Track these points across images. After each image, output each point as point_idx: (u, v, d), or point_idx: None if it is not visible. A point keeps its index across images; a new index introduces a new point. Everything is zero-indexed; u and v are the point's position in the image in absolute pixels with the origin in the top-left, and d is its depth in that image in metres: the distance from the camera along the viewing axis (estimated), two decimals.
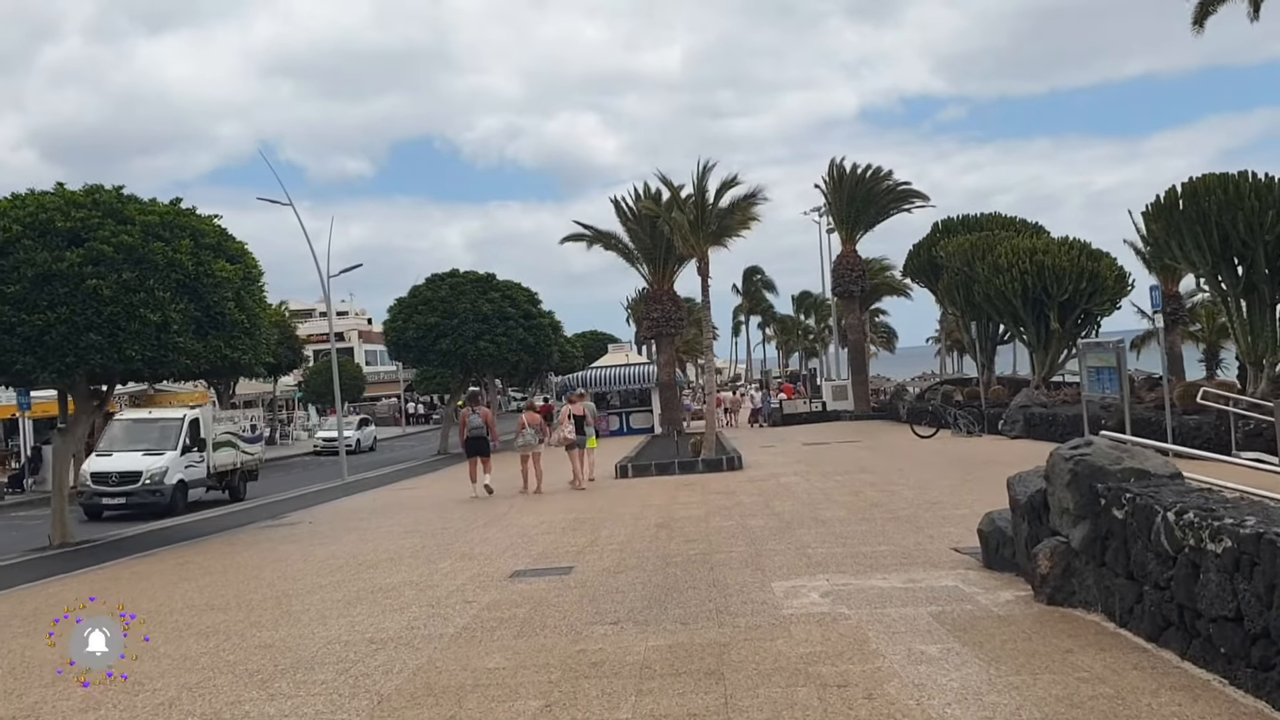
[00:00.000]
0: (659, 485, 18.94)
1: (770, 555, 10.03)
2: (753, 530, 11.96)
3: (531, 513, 15.85)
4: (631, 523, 13.50)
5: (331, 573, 11.29)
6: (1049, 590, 7.08)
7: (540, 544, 12.13)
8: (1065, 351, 33.37)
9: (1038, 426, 25.60)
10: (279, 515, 20.26)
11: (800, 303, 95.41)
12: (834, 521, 12.30)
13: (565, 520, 14.35)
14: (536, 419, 19.66)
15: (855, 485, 16.57)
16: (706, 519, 13.36)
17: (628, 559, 10.40)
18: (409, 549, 12.73)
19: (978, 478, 16.60)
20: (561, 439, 19.53)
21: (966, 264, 34.41)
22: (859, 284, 43.95)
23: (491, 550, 11.85)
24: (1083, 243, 33.21)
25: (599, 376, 45.28)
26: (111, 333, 15.84)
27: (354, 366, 69.23)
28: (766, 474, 19.78)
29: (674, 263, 38.74)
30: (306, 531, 16.55)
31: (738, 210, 22.49)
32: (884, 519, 12.26)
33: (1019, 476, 8.28)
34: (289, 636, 7.94)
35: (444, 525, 15.29)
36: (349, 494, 25.13)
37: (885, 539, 10.68)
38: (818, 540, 10.84)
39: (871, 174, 43.41)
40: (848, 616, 7.13)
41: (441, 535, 13.94)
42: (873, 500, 14.31)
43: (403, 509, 19.28)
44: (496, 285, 43.71)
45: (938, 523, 11.65)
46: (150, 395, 47.12)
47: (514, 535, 13.16)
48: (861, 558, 9.56)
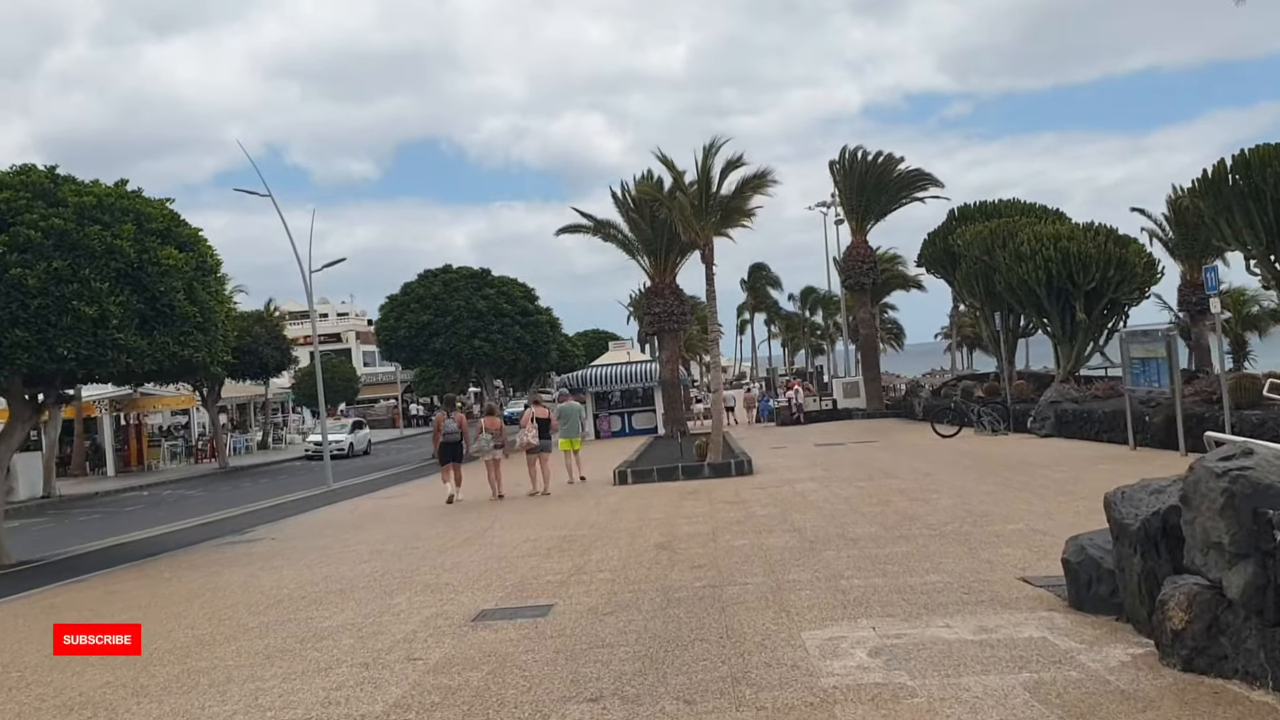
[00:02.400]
0: (661, 493, 17.06)
1: (795, 589, 8.14)
2: (770, 552, 10.08)
3: (516, 528, 13.99)
4: (628, 542, 11.62)
5: (266, 610, 9.42)
6: (1185, 652, 5.20)
7: (519, 570, 10.25)
8: (1091, 344, 31.44)
9: (1070, 424, 23.68)
10: (244, 530, 18.43)
11: (806, 299, 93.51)
12: (866, 540, 10.42)
13: (552, 538, 12.48)
14: (495, 424, 18.70)
15: (882, 493, 14.68)
16: (715, 536, 11.48)
17: (620, 593, 8.52)
18: (367, 576, 10.86)
19: (1020, 483, 14.71)
20: (523, 444, 18.37)
21: (986, 252, 32.46)
22: (870, 275, 42.04)
23: (460, 579, 9.97)
24: (1109, 228, 31.23)
25: (599, 375, 43.42)
26: (40, 329, 13.99)
27: (347, 368, 67.37)
28: (780, 479, 17.91)
29: (676, 255, 36.87)
30: (264, 551, 14.68)
31: (745, 192, 20.58)
32: (925, 536, 10.38)
33: (1122, 493, 6.38)
34: (167, 714, 6.07)
35: (415, 543, 13.42)
36: (330, 503, 23.29)
37: (934, 564, 8.79)
38: (851, 566, 8.95)
39: (883, 160, 41.50)
40: (912, 692, 5.23)
41: (409, 557, 12.06)
42: (906, 511, 12.42)
43: (379, 521, 17.43)
44: (492, 281, 41.83)
45: (990, 541, 9.76)
46: (134, 399, 45.66)
47: (490, 558, 11.28)
48: (910, 592, 7.67)
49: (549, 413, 19.53)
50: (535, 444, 18.31)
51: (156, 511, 25.85)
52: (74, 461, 40.98)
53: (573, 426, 20.42)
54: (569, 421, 20.25)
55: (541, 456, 18.51)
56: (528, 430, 18.32)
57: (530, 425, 18.38)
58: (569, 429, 20.19)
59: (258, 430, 57.86)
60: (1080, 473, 15.72)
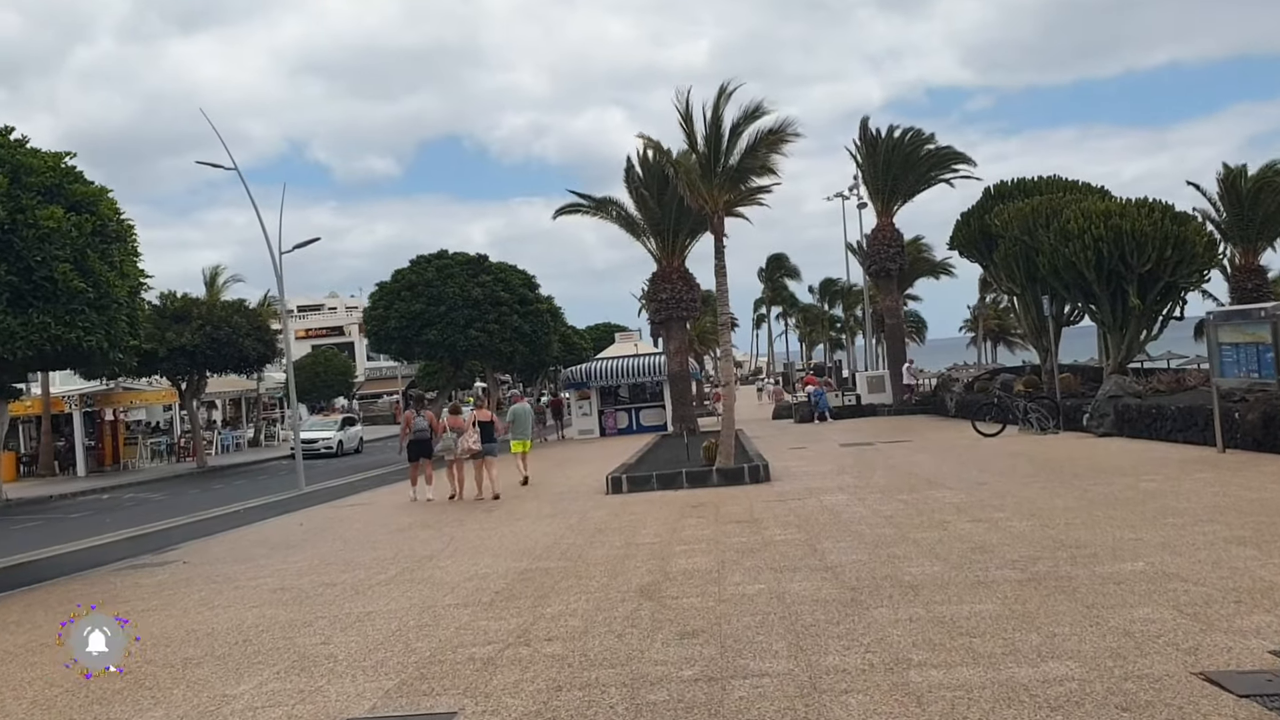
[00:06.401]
0: (659, 506, 14.09)
1: (838, 688, 5.17)
2: (796, 607, 7.10)
3: (470, 554, 11.06)
4: (603, 583, 8.65)
5: (49, 705, 6.49)
6: None
7: (440, 632, 7.29)
8: (1145, 332, 28.29)
9: (1134, 422, 20.56)
10: (167, 548, 15.57)
11: (825, 291, 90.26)
12: (929, 586, 7.44)
13: (507, 574, 9.52)
14: (459, 423, 17.75)
15: (933, 509, 11.67)
16: (719, 577, 8.50)
17: (567, 688, 5.55)
18: (235, 634, 7.92)
19: (1102, 496, 11.69)
20: (466, 449, 17.46)
21: (1027, 232, 29.30)
22: (897, 261, 38.81)
23: (351, 650, 7.01)
24: (1165, 204, 28.03)
25: (604, 368, 40.43)
26: None
27: (343, 361, 64.34)
28: (802, 489, 14.92)
29: (685, 235, 33.83)
30: (157, 582, 11.77)
31: (759, 150, 17.50)
32: (1012, 582, 7.38)
33: None
34: None
35: (340, 575, 10.47)
36: (292, 510, 20.40)
37: (1044, 637, 5.80)
38: (918, 638, 5.98)
39: (911, 137, 38.27)
40: None
41: (313, 601, 9.11)
42: (972, 539, 9.41)
43: (320, 539, 14.50)
44: (488, 268, 38.88)
45: (1111, 593, 6.78)
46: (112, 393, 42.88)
47: (415, 606, 8.33)
48: (1028, 701, 4.70)
49: (491, 415, 19.17)
50: (478, 448, 17.53)
51: (101, 520, 22.97)
52: (41, 461, 38.30)
53: (523, 428, 19.77)
54: (520, 423, 19.66)
55: (486, 461, 17.70)
56: (469, 434, 17.48)
57: (472, 429, 17.59)
58: (520, 431, 19.59)
59: (250, 427, 55.14)
60: (1174, 483, 12.67)
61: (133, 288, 14.22)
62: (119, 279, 13.56)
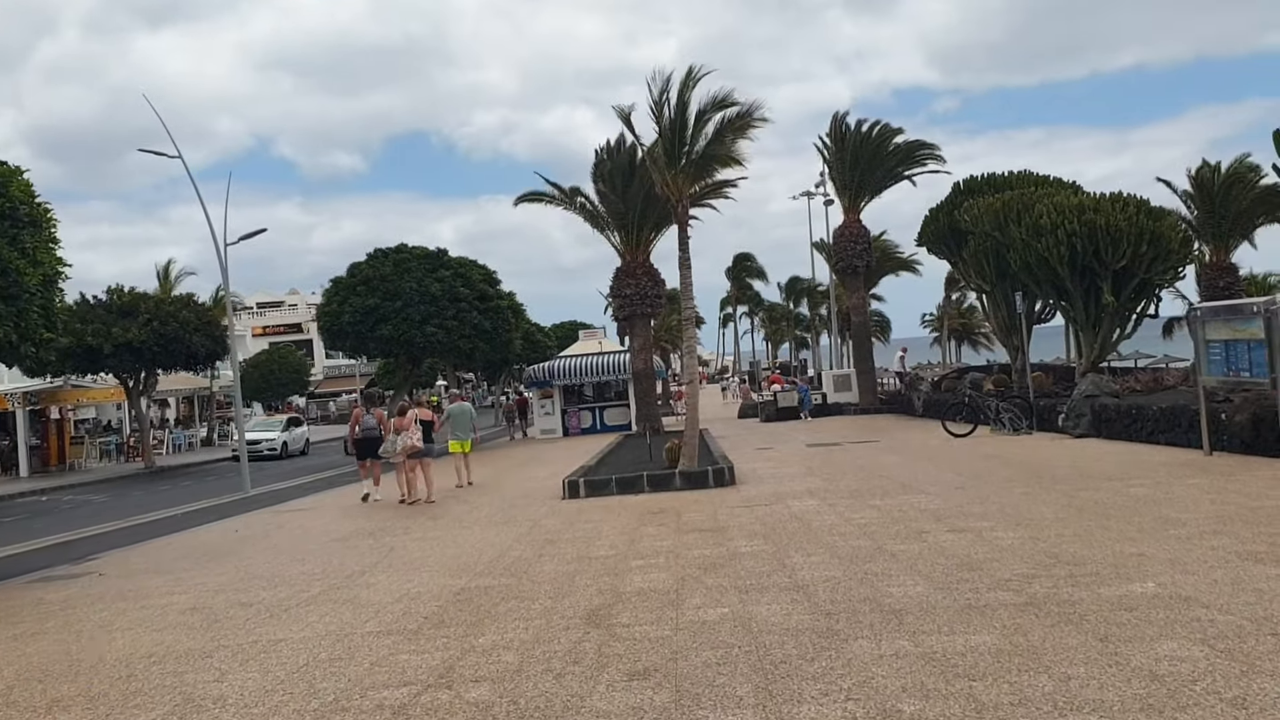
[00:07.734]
0: (616, 514, 13.14)
1: None
2: (763, 636, 6.18)
3: (405, 569, 10.05)
4: (546, 606, 7.68)
5: None
6: None
7: (353, 668, 6.28)
8: (1119, 330, 27.70)
9: (1112, 422, 19.84)
10: (90, 557, 14.43)
11: (791, 289, 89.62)
12: (915, 611, 6.54)
13: (441, 595, 8.53)
14: (404, 423, 17.19)
15: (910, 517, 10.79)
16: (678, 599, 7.55)
17: None
18: (128, 670, 6.88)
19: (1091, 504, 10.88)
20: (406, 447, 16.95)
21: (998, 228, 28.64)
22: (864, 258, 38.04)
23: (251, 690, 5.99)
24: (1139, 199, 27.44)
25: (568, 367, 39.40)
26: None
27: (297, 358, 62.69)
28: (770, 494, 14.01)
29: (650, 230, 32.93)
30: (63, 598, 10.66)
31: (725, 136, 16.58)
32: (1010, 606, 6.49)
33: None
34: None
35: (257, 594, 9.42)
36: (226, 516, 19.26)
37: (1058, 683, 4.90)
38: (909, 682, 5.06)
39: (879, 131, 37.51)
40: None
41: (219, 627, 8.05)
42: (956, 553, 8.53)
43: (251, 548, 13.42)
44: (448, 262, 37.65)
45: (1125, 623, 5.90)
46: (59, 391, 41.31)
47: (328, 635, 7.32)
48: None
49: (431, 414, 19.05)
50: (419, 447, 17.12)
51: (31, 525, 21.74)
52: None
53: (463, 427, 19.36)
54: (459, 422, 19.32)
55: (424, 461, 17.31)
56: (410, 433, 16.94)
57: (413, 428, 17.07)
58: (460, 430, 19.25)
59: (203, 426, 53.66)
60: (1164, 489, 11.89)
61: (47, 276, 13.01)
62: (31, 267, 12.40)
